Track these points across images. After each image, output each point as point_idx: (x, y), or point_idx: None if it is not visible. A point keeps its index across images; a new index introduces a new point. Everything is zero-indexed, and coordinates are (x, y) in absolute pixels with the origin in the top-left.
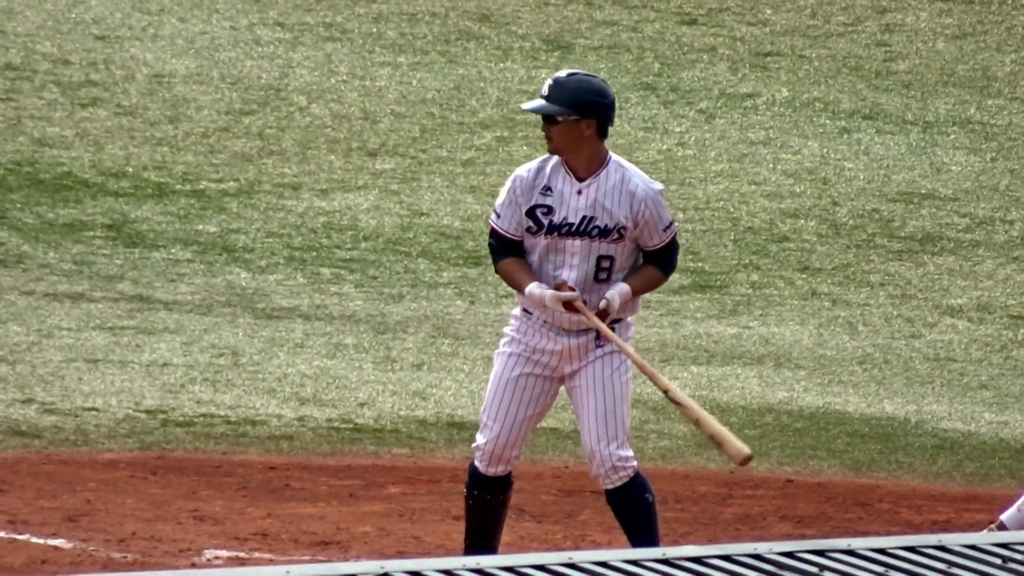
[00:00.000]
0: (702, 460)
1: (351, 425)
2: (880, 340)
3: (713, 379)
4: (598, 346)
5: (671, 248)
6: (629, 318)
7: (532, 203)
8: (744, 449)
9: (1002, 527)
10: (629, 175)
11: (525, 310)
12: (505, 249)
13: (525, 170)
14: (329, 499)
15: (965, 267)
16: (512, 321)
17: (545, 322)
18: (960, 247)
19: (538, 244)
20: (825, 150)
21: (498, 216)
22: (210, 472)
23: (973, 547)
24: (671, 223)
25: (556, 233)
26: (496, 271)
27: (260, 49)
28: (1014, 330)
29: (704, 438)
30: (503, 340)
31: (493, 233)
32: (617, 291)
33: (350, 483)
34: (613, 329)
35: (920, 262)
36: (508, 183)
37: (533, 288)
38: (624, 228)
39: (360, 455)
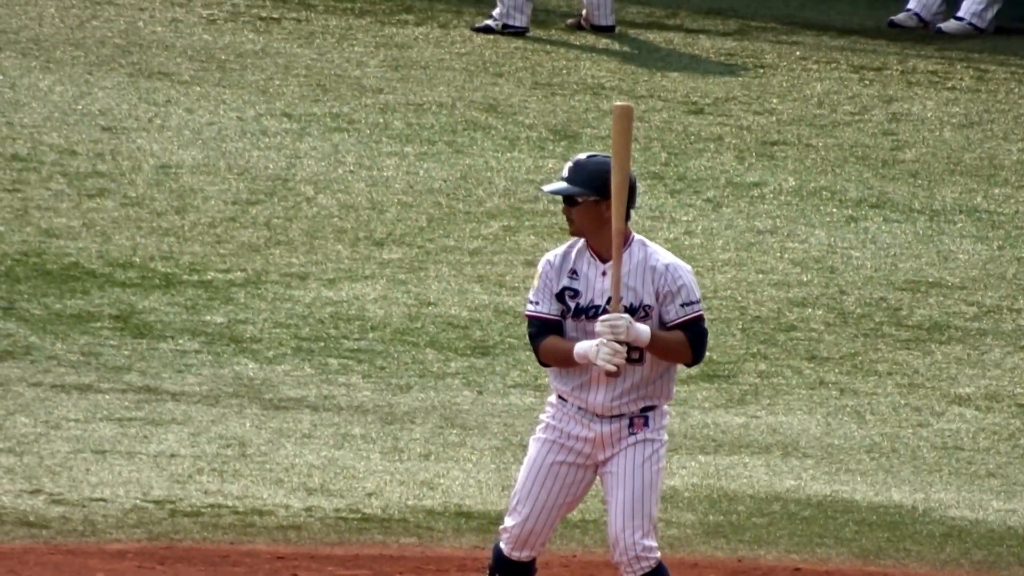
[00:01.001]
0: (710, 549)
1: (359, 515)
2: (888, 429)
3: (721, 468)
4: (631, 433)
5: (694, 330)
6: (664, 406)
7: (561, 286)
8: (623, 105)
9: None
10: (651, 252)
11: (560, 397)
12: (547, 331)
13: (552, 255)
14: None
15: (973, 356)
16: (548, 408)
17: (580, 408)
18: (968, 336)
19: (567, 328)
20: (832, 239)
21: (534, 303)
22: (218, 562)
23: None
24: (694, 302)
25: (583, 316)
26: (540, 357)
27: (267, 140)
28: (1022, 419)
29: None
30: (539, 426)
31: (532, 321)
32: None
33: (358, 573)
34: (647, 417)
35: (928, 351)
36: (539, 269)
37: (579, 348)
38: (649, 307)
39: (368, 545)
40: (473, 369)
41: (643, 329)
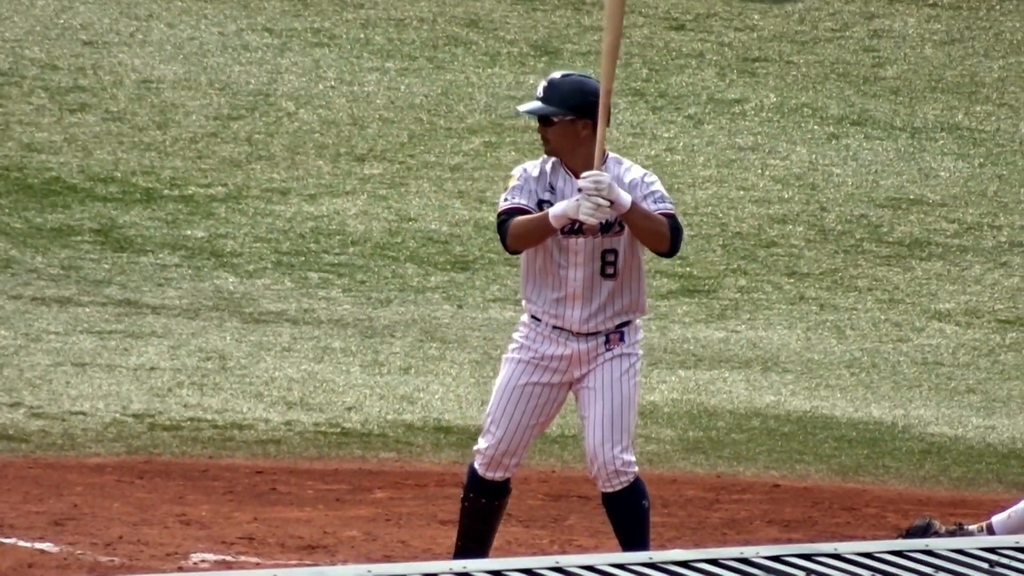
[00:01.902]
0: (689, 464)
1: (338, 429)
2: (868, 344)
3: (701, 383)
4: (607, 349)
5: (672, 221)
6: (637, 320)
7: (539, 198)
8: None
9: (991, 531)
10: (626, 168)
11: (534, 316)
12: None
13: (530, 165)
14: (316, 503)
15: (953, 272)
16: (521, 328)
17: (555, 327)
18: (948, 252)
19: (543, 243)
20: (813, 156)
21: (508, 199)
22: (197, 476)
23: (960, 551)
24: (666, 200)
25: (559, 232)
26: (508, 240)
27: (248, 55)
28: (1001, 334)
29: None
30: (512, 346)
31: (505, 212)
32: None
33: (337, 487)
34: (622, 332)
35: (908, 267)
36: (515, 173)
37: (556, 208)
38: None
39: (347, 459)
40: (453, 284)
41: (625, 195)
